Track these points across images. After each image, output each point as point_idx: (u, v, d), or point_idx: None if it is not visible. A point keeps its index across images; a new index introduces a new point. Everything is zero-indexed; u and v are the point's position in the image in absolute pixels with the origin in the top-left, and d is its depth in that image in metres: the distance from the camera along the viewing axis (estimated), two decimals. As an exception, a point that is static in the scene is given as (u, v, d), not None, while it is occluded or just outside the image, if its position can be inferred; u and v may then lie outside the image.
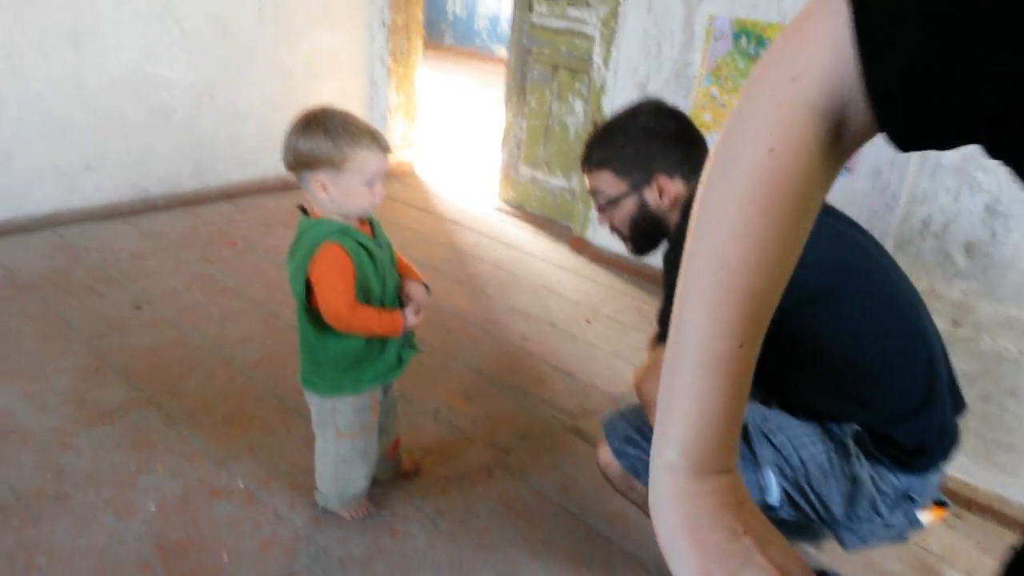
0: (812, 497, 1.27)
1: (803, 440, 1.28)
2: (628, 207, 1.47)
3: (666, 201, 1.43)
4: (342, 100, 4.13)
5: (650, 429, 1.37)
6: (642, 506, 1.46)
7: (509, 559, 1.69)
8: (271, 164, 3.91)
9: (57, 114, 3.18)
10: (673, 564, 0.52)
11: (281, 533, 1.70)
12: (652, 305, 3.03)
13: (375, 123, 4.24)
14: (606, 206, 1.49)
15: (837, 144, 0.50)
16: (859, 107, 0.47)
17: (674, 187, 1.44)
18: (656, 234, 1.48)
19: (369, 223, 1.62)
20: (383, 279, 1.59)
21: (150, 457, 1.89)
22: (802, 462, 1.26)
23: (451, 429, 2.13)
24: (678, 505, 0.52)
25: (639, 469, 1.38)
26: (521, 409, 2.26)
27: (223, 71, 3.64)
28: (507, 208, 3.98)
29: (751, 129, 0.51)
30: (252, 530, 1.69)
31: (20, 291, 2.67)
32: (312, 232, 1.55)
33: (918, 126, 0.44)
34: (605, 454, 1.45)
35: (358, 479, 1.72)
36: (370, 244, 1.56)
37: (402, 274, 1.66)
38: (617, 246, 3.36)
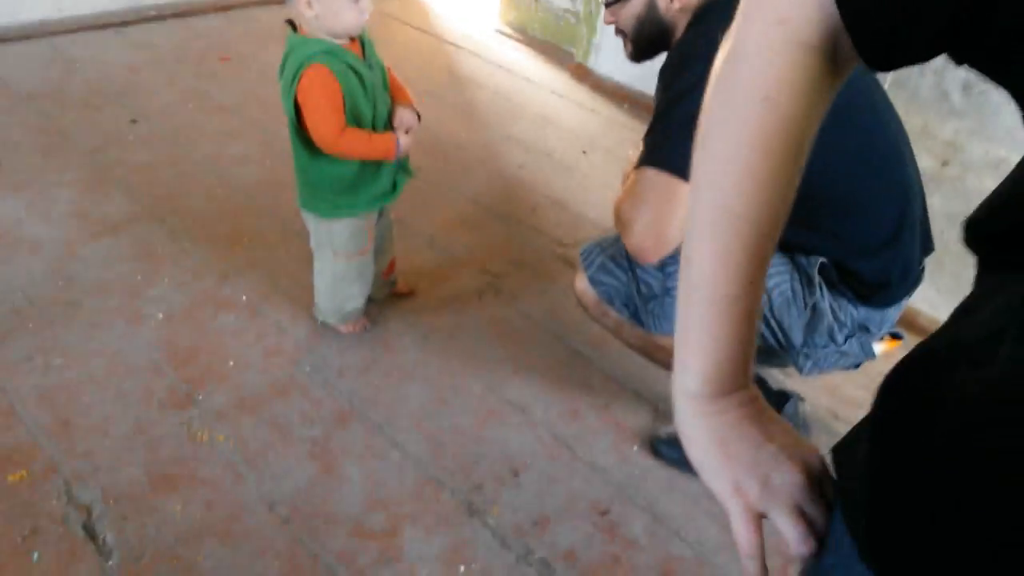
0: (773, 324, 1.36)
1: (769, 271, 1.35)
2: (636, 6, 1.42)
3: (676, 5, 1.39)
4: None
5: (625, 258, 1.44)
6: (615, 332, 1.55)
7: (495, 373, 1.82)
8: (265, -26, 3.75)
9: (37, -89, 3.02)
10: (707, 479, 0.57)
11: (283, 343, 1.81)
12: (650, 138, 3.02)
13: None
14: (614, 2, 1.45)
15: (834, 72, 0.51)
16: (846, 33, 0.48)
17: None
18: (660, 40, 1.45)
19: (360, 43, 1.59)
20: (374, 102, 1.58)
21: (155, 270, 1.98)
22: (766, 291, 1.34)
23: (445, 254, 2.21)
24: (704, 425, 0.57)
25: (612, 296, 1.46)
26: (514, 237, 2.32)
27: None
28: (508, 31, 3.86)
29: (744, 78, 0.51)
30: (256, 340, 1.81)
31: (18, 103, 2.66)
32: (298, 51, 1.53)
33: (888, 40, 0.46)
34: (581, 282, 1.52)
35: (355, 297, 1.81)
36: (359, 65, 1.54)
37: (394, 97, 1.65)
38: (619, 75, 3.30)
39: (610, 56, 3.32)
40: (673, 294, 1.38)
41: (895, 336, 1.44)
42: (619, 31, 1.49)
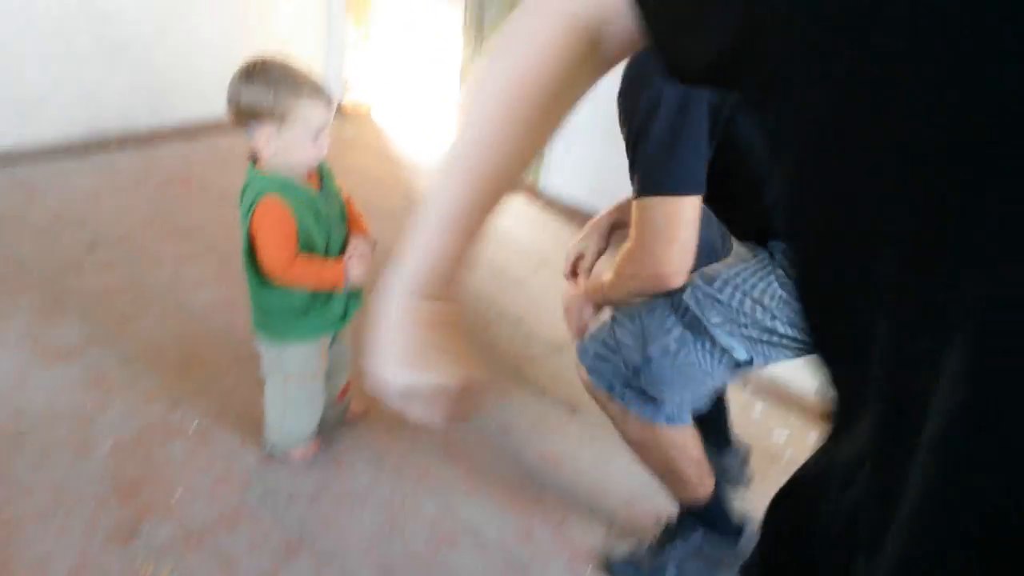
0: (782, 331, 1.37)
1: (750, 281, 1.37)
2: None
3: None
4: (299, 35, 4.09)
5: (612, 338, 1.48)
6: (619, 426, 1.55)
7: (449, 494, 1.82)
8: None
9: (8, 47, 3.13)
10: (369, 361, 0.65)
11: (233, 470, 1.80)
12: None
13: (332, 59, 4.22)
14: None
15: (595, 54, 0.58)
16: (618, 24, 0.55)
17: None
18: None
19: (319, 174, 1.66)
20: (328, 233, 1.64)
21: (106, 396, 1.97)
22: (755, 303, 1.36)
23: (399, 372, 2.23)
24: (390, 314, 0.65)
25: (612, 382, 1.48)
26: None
27: (179, 4, 3.58)
28: (464, 151, 4.01)
29: (521, 29, 0.60)
30: (205, 468, 1.79)
31: (-27, 230, 2.69)
32: (255, 184, 1.60)
33: (681, 51, 0.50)
34: (584, 375, 1.55)
35: (305, 423, 1.81)
36: (314, 198, 1.61)
37: (351, 227, 1.72)
38: (568, 194, 3.44)
39: (560, 176, 3.47)
40: (654, 358, 1.42)
41: None
42: None
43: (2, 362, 2.05)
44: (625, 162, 1.41)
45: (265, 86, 1.51)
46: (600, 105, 3.30)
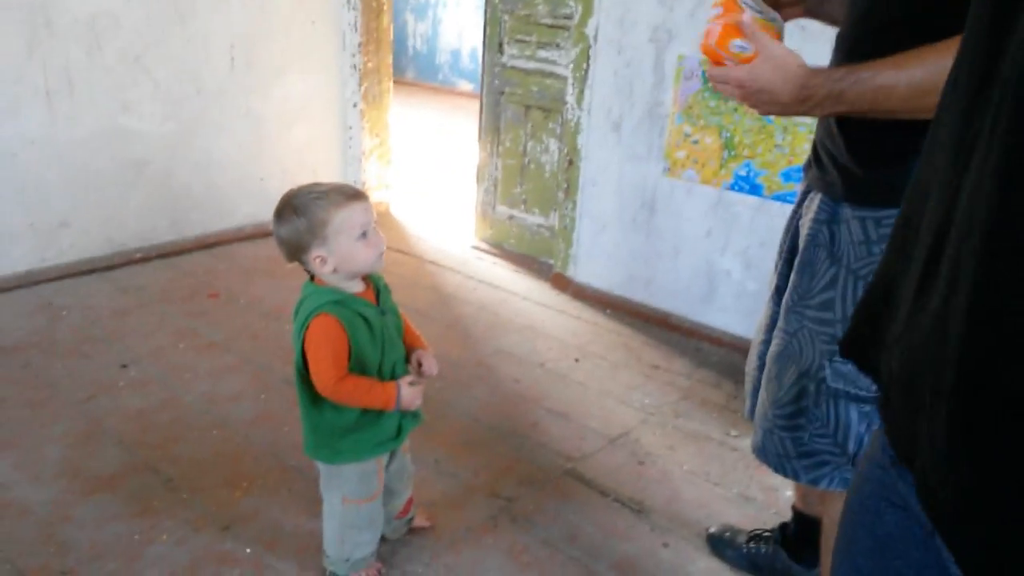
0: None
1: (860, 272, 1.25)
2: None
3: None
4: (315, 146, 4.14)
5: (828, 431, 1.35)
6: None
7: (523, 612, 1.70)
8: (247, 212, 3.90)
9: (30, 172, 3.15)
10: None
11: (294, 599, 1.69)
12: (637, 341, 3.08)
13: (349, 167, 4.26)
14: None
15: None
16: None
17: None
18: None
19: (376, 288, 1.63)
20: (381, 348, 1.59)
21: (153, 525, 1.87)
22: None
23: (453, 480, 2.14)
24: None
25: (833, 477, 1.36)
26: (520, 455, 2.28)
27: (196, 121, 3.64)
28: (485, 247, 4.01)
29: None
30: (264, 597, 1.68)
31: (2, 356, 2.62)
32: (310, 300, 1.56)
33: None
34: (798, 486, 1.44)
35: (365, 544, 1.72)
36: (370, 312, 1.57)
37: (409, 342, 1.68)
38: (598, 282, 3.41)
39: (587, 264, 3.45)
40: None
41: None
42: None
43: (40, 494, 1.96)
44: (650, 246, 1.36)
45: (295, 216, 1.52)
46: (626, 196, 3.32)
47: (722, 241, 3.00)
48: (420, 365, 1.67)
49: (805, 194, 1.38)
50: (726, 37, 1.17)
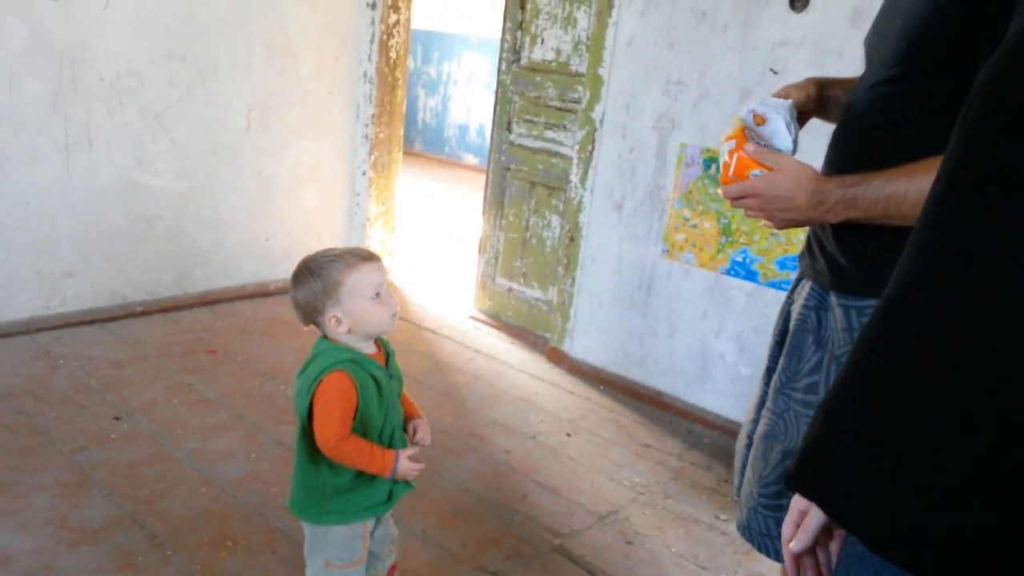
0: None
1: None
2: None
3: None
4: (323, 210, 4.23)
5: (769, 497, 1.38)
6: None
7: None
8: (251, 271, 3.96)
9: (43, 221, 3.21)
10: None
11: (272, 664, 1.66)
12: (630, 419, 3.09)
13: (354, 232, 4.34)
14: None
15: None
16: None
17: None
18: None
19: (385, 351, 1.66)
20: (387, 411, 1.61)
21: (135, 582, 1.85)
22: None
23: (440, 550, 2.12)
24: None
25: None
26: (508, 528, 2.26)
27: (209, 179, 3.72)
28: (483, 317, 4.05)
29: None
30: (243, 661, 1.66)
31: (-4, 401, 2.63)
32: (324, 356, 1.59)
33: None
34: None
35: (349, 609, 1.70)
36: (380, 374, 1.60)
37: (408, 410, 1.70)
38: (593, 358, 3.44)
39: (583, 340, 3.48)
40: None
41: None
42: None
43: (25, 543, 1.94)
44: (646, 325, 1.39)
45: (311, 278, 1.56)
46: (625, 274, 3.37)
47: (717, 324, 3.05)
48: (415, 433, 1.69)
49: (799, 280, 1.44)
50: (743, 169, 1.27)
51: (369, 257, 1.60)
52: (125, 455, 2.39)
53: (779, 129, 1.30)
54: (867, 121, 1.28)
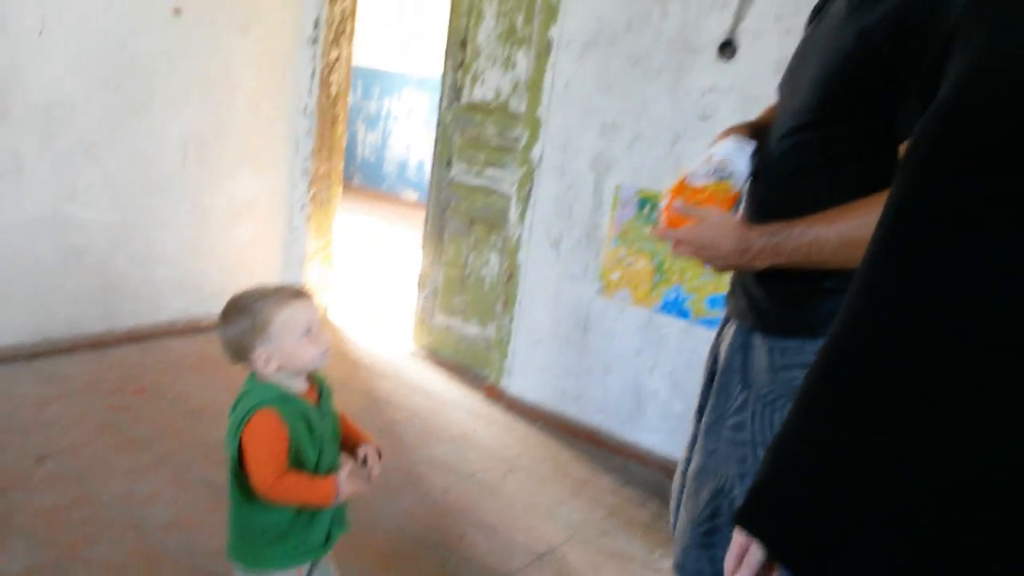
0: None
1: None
2: None
3: None
4: (259, 244, 4.18)
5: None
6: None
7: None
8: (181, 306, 3.87)
9: (-37, 254, 3.10)
10: None
11: None
12: (566, 456, 3.11)
13: (291, 268, 4.30)
14: None
15: None
16: None
17: None
18: None
19: (318, 389, 1.65)
20: (319, 450, 1.59)
21: (55, 632, 1.78)
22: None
23: (376, 592, 2.10)
24: None
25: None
26: (445, 569, 2.25)
27: (141, 213, 3.65)
28: (421, 354, 4.04)
29: None
30: None
31: (-93, 443, 2.51)
32: (252, 395, 1.57)
33: None
34: None
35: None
36: (311, 413, 1.58)
37: (354, 439, 1.69)
38: (531, 395, 3.46)
39: (521, 377, 3.51)
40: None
41: None
42: None
43: (-65, 594, 1.85)
44: (582, 362, 1.44)
45: (240, 316, 1.55)
46: (562, 312, 3.42)
47: (651, 361, 3.11)
48: (365, 461, 1.68)
49: (726, 320, 1.50)
50: (674, 222, 1.36)
51: (299, 294, 1.59)
52: (48, 498, 2.30)
53: (732, 160, 1.37)
54: (784, 168, 1.35)
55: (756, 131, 1.51)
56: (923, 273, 0.67)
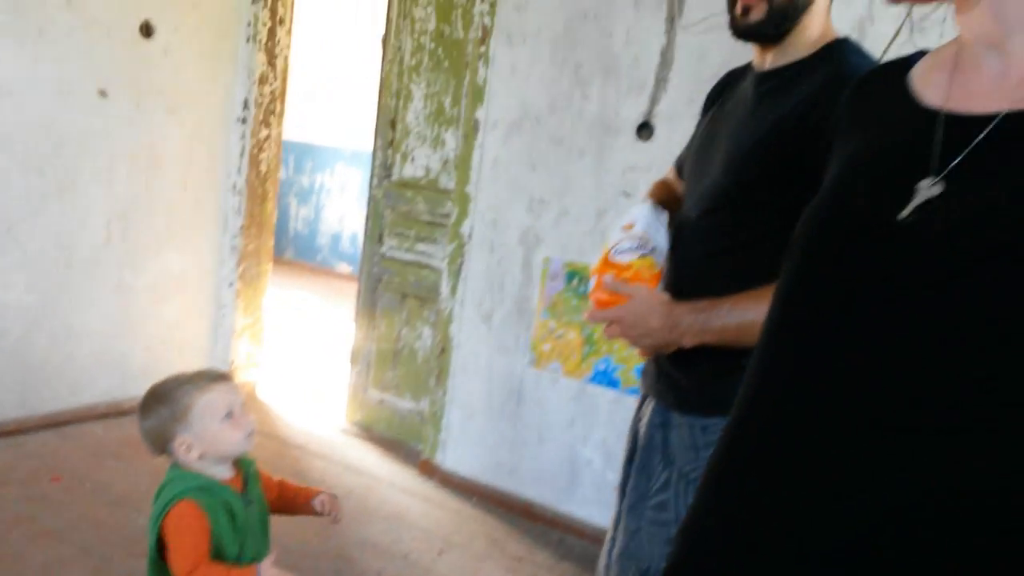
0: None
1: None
2: None
3: None
4: (186, 322, 4.10)
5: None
6: None
7: None
8: (103, 388, 3.75)
9: None
10: None
11: None
12: (502, 531, 3.09)
13: (219, 345, 4.22)
14: None
15: None
16: None
17: None
18: (795, 12, 1.33)
19: (244, 476, 1.62)
20: (242, 540, 1.56)
21: None
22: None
23: None
24: None
25: None
26: (377, 655, 2.19)
27: (63, 292, 3.56)
28: (354, 430, 3.99)
29: None
30: None
31: None
32: (173, 485, 1.54)
33: None
34: None
35: None
36: (235, 502, 1.56)
37: (301, 495, 1.67)
38: (465, 470, 3.44)
39: (456, 451, 3.49)
40: None
41: None
42: None
43: None
44: (516, 434, 1.46)
45: (159, 405, 1.55)
46: (495, 384, 3.44)
47: (584, 432, 3.14)
48: (324, 507, 1.66)
49: (644, 397, 1.52)
50: (604, 305, 1.40)
51: (219, 377, 1.59)
52: (-50, 600, 2.17)
53: (652, 234, 1.42)
54: (702, 248, 1.40)
55: (663, 203, 1.57)
56: (808, 357, 0.73)
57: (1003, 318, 0.59)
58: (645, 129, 2.90)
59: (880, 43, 1.37)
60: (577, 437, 3.16)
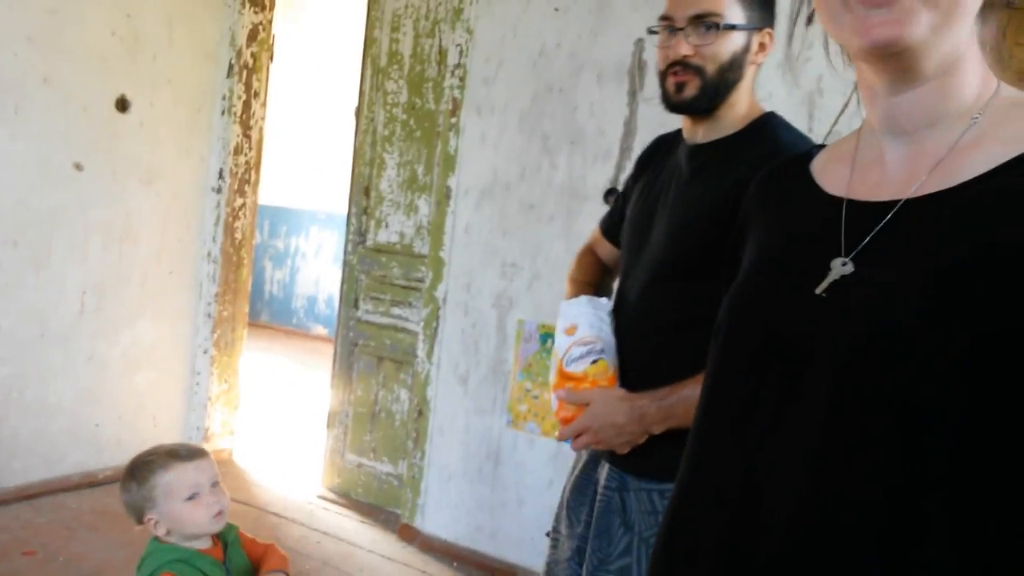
0: None
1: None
2: (734, 43, 1.34)
3: (759, 58, 1.37)
4: (160, 391, 4.08)
5: None
6: None
7: None
8: (77, 460, 3.71)
9: None
10: None
11: None
12: (482, 595, 3.07)
13: (193, 413, 4.20)
14: (714, 31, 1.33)
15: None
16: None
17: (770, 47, 1.39)
18: (726, 89, 1.38)
19: (224, 542, 1.64)
20: None
21: None
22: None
23: None
24: None
25: None
26: None
27: (35, 364, 3.54)
28: (332, 496, 3.96)
29: None
30: None
31: None
32: (152, 559, 1.57)
33: None
34: None
35: None
36: (214, 571, 1.58)
37: (268, 560, 1.67)
38: (445, 533, 3.43)
39: (435, 515, 3.49)
40: None
41: None
42: (689, 65, 1.36)
43: None
44: (495, 496, 1.47)
45: (131, 481, 1.60)
46: (473, 446, 3.46)
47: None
48: None
49: (597, 459, 1.52)
50: (568, 419, 1.43)
51: (187, 456, 1.60)
52: None
53: (597, 332, 1.45)
54: (650, 323, 1.41)
55: (592, 283, 1.62)
56: (734, 434, 0.77)
57: (913, 395, 0.64)
58: (611, 195, 3.00)
59: (829, 116, 1.48)
60: (556, 498, 3.16)
